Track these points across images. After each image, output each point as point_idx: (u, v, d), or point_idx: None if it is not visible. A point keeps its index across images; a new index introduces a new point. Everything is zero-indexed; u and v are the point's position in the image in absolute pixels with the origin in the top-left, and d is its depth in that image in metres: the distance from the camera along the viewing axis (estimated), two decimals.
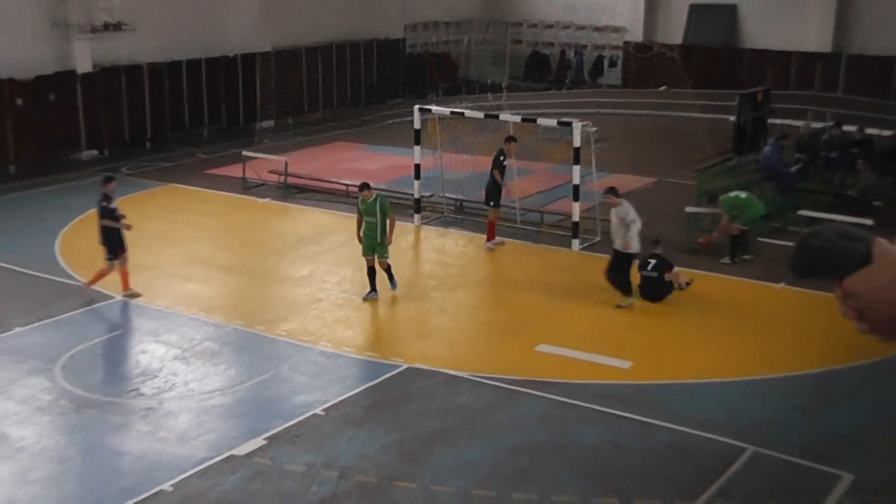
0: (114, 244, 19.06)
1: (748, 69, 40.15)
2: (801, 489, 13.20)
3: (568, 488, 13.15)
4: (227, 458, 13.85)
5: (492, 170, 22.49)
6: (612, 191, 20.17)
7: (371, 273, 19.44)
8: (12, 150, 29.12)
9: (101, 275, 19.27)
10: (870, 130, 29.42)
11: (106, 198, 19.23)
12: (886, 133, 29.16)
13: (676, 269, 19.49)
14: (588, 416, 15.15)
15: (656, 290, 19.30)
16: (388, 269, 19.60)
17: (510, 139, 23.15)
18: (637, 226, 19.40)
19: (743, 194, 22.05)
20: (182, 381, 16.39)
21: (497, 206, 22.69)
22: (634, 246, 19.36)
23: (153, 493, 12.97)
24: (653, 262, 19.28)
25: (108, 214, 19.10)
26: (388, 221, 19.34)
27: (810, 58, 40.51)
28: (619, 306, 19.35)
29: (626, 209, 19.61)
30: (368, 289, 19.45)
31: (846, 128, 29.62)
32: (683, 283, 19.69)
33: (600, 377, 16.49)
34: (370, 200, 19.30)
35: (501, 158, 22.35)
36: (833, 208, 23.93)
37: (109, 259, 19.06)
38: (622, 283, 19.55)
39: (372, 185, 19.82)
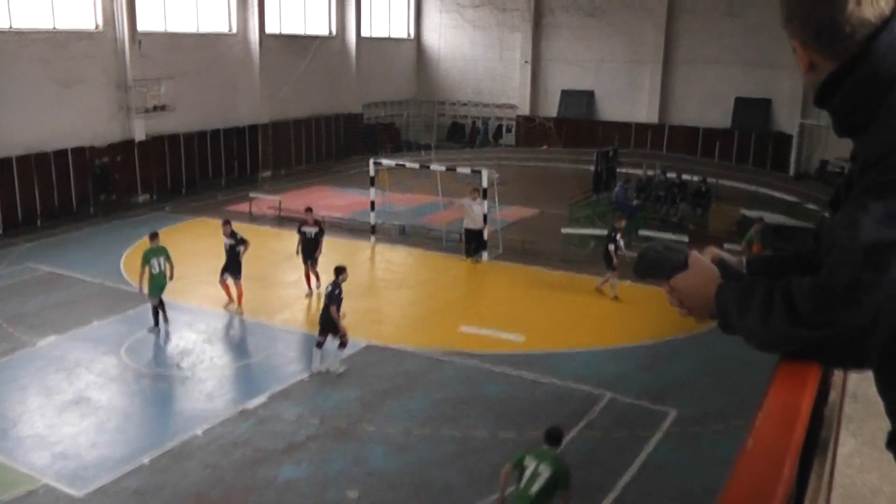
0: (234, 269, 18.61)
1: (602, 134, 40.53)
2: (643, 422, 13.31)
3: (481, 427, 13.15)
4: (241, 411, 13.70)
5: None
6: (476, 191, 22.30)
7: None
8: (91, 196, 28.83)
9: (240, 293, 18.57)
10: (685, 176, 29.88)
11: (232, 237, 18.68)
12: (695, 178, 29.61)
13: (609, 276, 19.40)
14: (494, 376, 15.17)
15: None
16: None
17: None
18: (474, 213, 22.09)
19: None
20: (208, 357, 16.18)
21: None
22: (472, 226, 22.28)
23: (190, 436, 12.82)
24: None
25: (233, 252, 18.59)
26: None
27: (644, 127, 41.03)
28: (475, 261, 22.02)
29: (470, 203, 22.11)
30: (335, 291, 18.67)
31: (669, 175, 30.06)
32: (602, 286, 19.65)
33: (503, 348, 16.53)
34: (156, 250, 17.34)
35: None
36: (661, 230, 24.23)
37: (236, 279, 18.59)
38: (478, 247, 22.36)
39: (336, 214, 19.58)
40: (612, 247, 19.09)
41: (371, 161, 25.45)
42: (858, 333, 1.71)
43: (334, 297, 15.16)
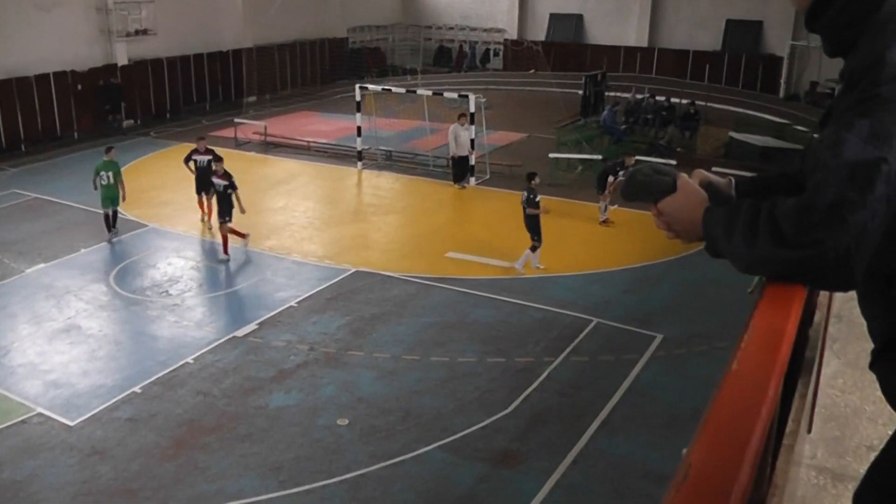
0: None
1: (590, 58, 40.07)
2: (629, 346, 13.45)
3: (469, 351, 13.28)
4: (230, 338, 13.77)
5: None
6: (464, 116, 22.16)
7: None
8: (75, 121, 28.56)
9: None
10: (674, 100, 29.68)
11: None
12: (684, 101, 29.43)
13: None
14: (482, 301, 15.25)
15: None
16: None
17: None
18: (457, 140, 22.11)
19: None
20: (197, 284, 16.21)
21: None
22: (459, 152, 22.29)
23: (180, 364, 12.90)
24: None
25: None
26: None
27: (633, 50, 40.58)
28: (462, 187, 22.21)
29: (458, 128, 21.99)
30: (325, 217, 18.96)
31: (658, 98, 29.84)
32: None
33: (491, 274, 16.60)
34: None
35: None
36: (650, 153, 24.16)
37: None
38: (465, 172, 22.42)
39: (322, 140, 19.46)
40: (611, 178, 19.00)
41: (357, 86, 25.15)
42: (843, 254, 1.71)
43: (532, 202, 16.30)
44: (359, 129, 24.66)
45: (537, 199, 16.47)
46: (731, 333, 13.36)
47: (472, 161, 22.89)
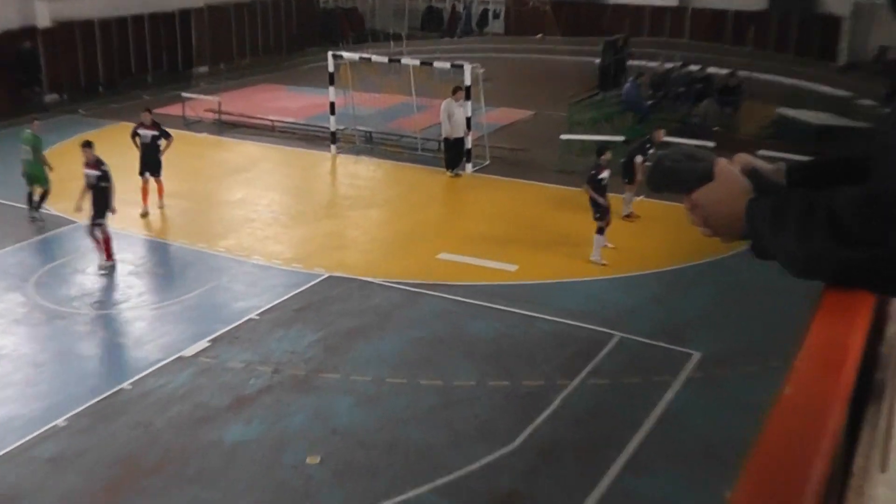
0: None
1: (609, 20, 40.14)
2: (659, 365, 13.46)
3: (466, 373, 13.27)
4: (177, 358, 13.75)
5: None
6: (459, 90, 22.30)
7: None
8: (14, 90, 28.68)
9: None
10: (710, 69, 29.75)
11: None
12: (723, 71, 29.50)
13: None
14: (481, 312, 15.26)
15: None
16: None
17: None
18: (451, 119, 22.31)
19: None
20: (136, 293, 16.20)
21: None
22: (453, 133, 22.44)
23: (115, 390, 12.88)
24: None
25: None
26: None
27: (661, 10, 40.67)
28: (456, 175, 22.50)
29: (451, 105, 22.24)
30: (294, 212, 19.22)
31: (691, 68, 29.91)
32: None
33: (491, 279, 16.61)
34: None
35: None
36: (681, 134, 24.22)
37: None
38: (459, 157, 22.54)
39: (288, 119, 19.51)
40: (639, 158, 19.00)
41: (330, 54, 25.15)
42: None
43: (595, 182, 17.11)
44: (332, 105, 24.67)
45: (602, 179, 17.18)
46: (783, 350, 13.40)
47: (469, 144, 22.90)
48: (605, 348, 13.96)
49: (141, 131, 19.99)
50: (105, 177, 16.95)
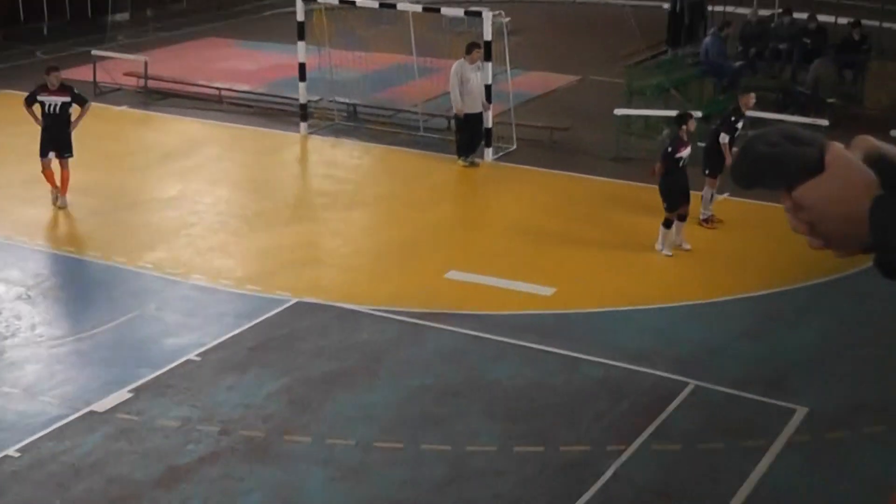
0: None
1: None
2: (751, 425, 13.41)
3: (484, 435, 13.25)
4: (86, 414, 13.71)
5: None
6: (477, 47, 22.58)
7: None
8: None
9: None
10: (824, 17, 29.71)
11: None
12: (843, 20, 29.46)
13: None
14: (506, 352, 15.23)
15: None
16: None
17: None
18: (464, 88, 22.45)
19: None
20: (28, 325, 16.16)
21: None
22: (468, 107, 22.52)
23: None
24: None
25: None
26: None
27: None
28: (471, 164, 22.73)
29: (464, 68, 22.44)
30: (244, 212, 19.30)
31: (797, 15, 29.86)
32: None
33: (519, 307, 16.59)
34: None
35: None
36: (783, 107, 24.23)
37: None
38: (476, 139, 22.85)
39: (242, 87, 19.58)
40: (725, 138, 19.01)
41: None
42: None
43: (667, 156, 18.04)
44: (302, 67, 24.72)
45: (681, 158, 17.89)
46: None
47: (489, 122, 22.91)
48: (674, 401, 13.94)
49: (44, 98, 19.91)
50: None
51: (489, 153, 23.04)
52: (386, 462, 12.79)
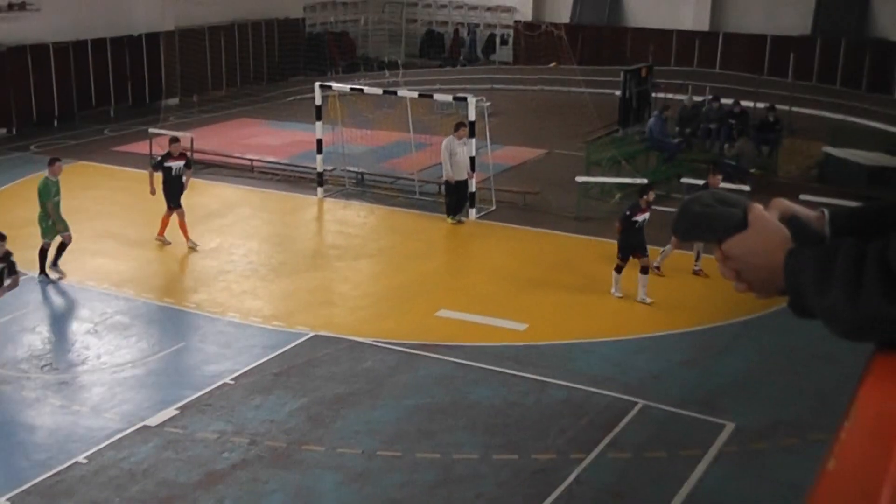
0: None
1: (632, 47, 40.43)
2: (689, 438, 13.38)
3: (468, 445, 13.21)
4: (140, 428, 13.68)
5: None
6: (463, 126, 22.41)
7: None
8: None
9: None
10: (745, 103, 29.91)
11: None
12: (760, 105, 29.66)
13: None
14: (486, 377, 15.21)
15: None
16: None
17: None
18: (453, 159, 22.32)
19: None
20: (94, 355, 16.13)
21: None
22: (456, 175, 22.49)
23: (68, 465, 12.76)
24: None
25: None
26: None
27: (690, 36, 40.98)
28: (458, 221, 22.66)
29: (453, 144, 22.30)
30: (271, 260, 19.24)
31: (724, 101, 30.09)
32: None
33: (497, 339, 16.57)
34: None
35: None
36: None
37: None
38: (462, 202, 22.79)
39: (268, 159, 19.64)
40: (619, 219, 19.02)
41: (317, 85, 25.32)
42: None
43: (623, 218, 18.06)
44: (319, 143, 24.77)
45: (637, 221, 17.93)
46: (829, 422, 13.31)
47: (473, 187, 22.97)
48: (626, 418, 13.90)
49: (171, 163, 20.86)
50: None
51: (473, 213, 23.07)
52: (386, 468, 12.74)
